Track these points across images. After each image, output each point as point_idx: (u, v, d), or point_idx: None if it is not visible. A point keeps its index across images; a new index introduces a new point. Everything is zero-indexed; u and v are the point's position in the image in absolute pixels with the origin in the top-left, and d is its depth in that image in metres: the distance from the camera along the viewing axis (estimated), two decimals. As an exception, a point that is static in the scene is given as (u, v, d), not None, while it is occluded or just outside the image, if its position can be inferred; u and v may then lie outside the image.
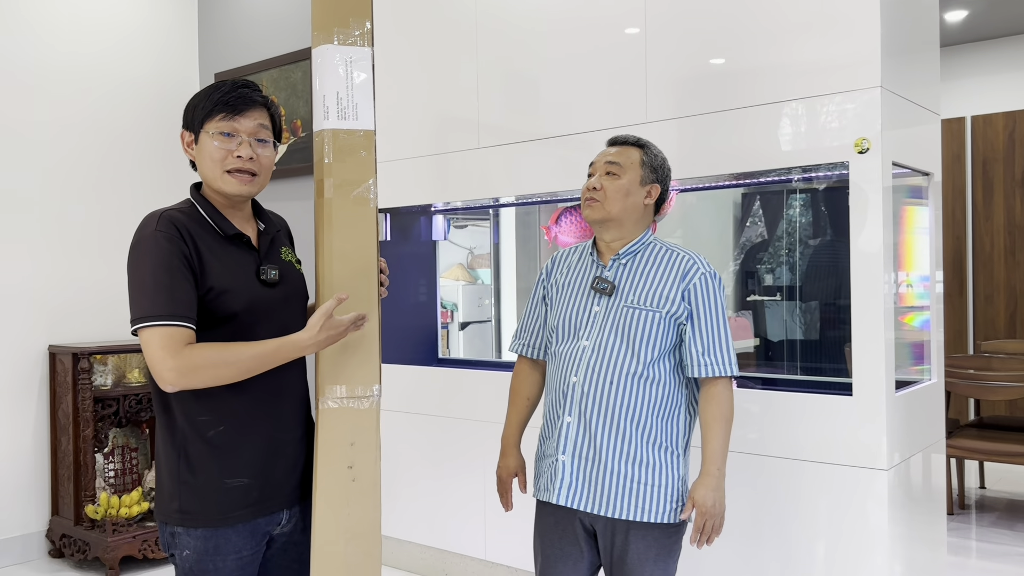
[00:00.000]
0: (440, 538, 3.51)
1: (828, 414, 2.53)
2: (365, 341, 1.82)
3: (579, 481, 1.99)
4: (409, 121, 3.61)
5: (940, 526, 2.96)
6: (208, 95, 1.74)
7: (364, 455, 1.80)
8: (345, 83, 1.81)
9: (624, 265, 2.03)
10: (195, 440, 1.69)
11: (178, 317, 1.60)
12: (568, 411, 2.01)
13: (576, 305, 2.06)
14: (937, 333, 2.96)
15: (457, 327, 4.74)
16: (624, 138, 2.09)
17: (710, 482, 1.92)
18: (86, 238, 4.22)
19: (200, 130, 1.74)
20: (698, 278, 1.98)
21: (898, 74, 2.58)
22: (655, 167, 2.05)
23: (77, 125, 4.21)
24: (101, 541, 3.69)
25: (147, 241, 1.65)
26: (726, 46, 2.75)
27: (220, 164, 1.72)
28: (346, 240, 1.80)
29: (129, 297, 1.65)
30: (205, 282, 1.67)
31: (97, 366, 3.95)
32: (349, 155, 1.82)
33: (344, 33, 1.83)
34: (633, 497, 1.94)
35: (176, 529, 1.70)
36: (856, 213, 2.49)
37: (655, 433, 1.96)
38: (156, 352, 1.58)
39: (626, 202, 2.01)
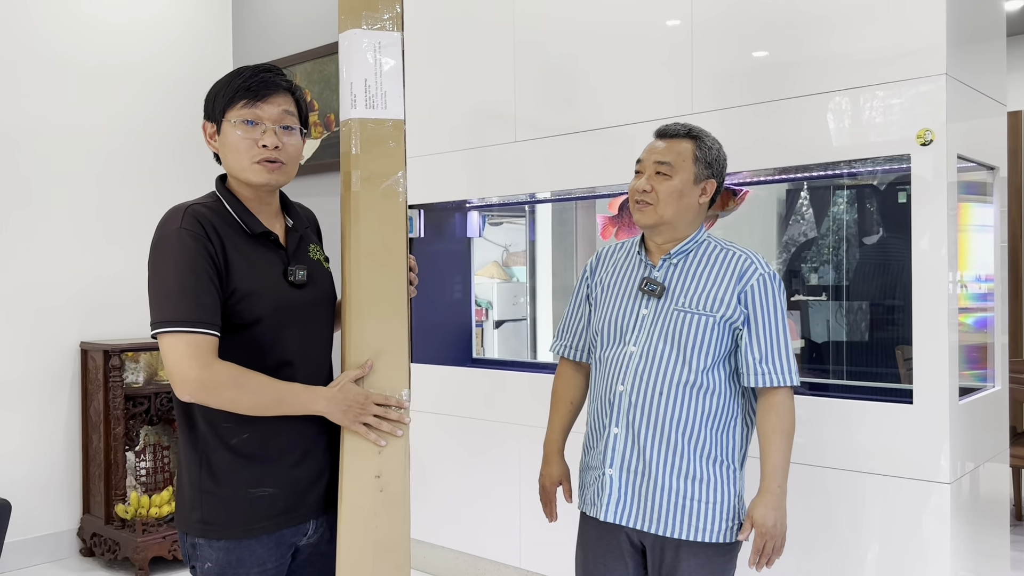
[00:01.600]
0: (473, 544, 3.42)
1: (887, 423, 2.38)
2: (394, 344, 1.71)
3: (628, 497, 1.86)
4: (444, 114, 3.52)
5: (1004, 540, 2.79)
6: (228, 82, 1.64)
7: (392, 463, 1.70)
8: (373, 70, 1.71)
9: (675, 265, 1.89)
10: (218, 448, 1.60)
11: (204, 324, 1.52)
12: (615, 422, 1.88)
13: (622, 307, 1.92)
14: (1001, 337, 2.80)
15: (492, 325, 4.66)
16: (674, 129, 1.92)
17: (770, 500, 1.78)
18: (119, 233, 4.18)
19: (222, 119, 1.64)
20: (756, 279, 1.83)
21: (963, 62, 2.43)
22: (709, 161, 1.89)
23: (112, 120, 4.18)
24: (131, 541, 3.64)
25: (171, 239, 1.55)
26: (777, 33, 2.61)
27: (245, 155, 1.62)
28: (373, 235, 1.70)
29: (150, 297, 1.57)
30: (230, 283, 1.58)
31: (128, 363, 3.90)
32: (377, 146, 1.71)
33: (372, 17, 1.72)
34: (685, 514, 1.81)
35: (197, 540, 1.62)
36: (919, 209, 2.34)
37: (709, 446, 1.82)
38: (181, 360, 1.50)
39: (680, 204, 1.86)
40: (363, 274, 1.69)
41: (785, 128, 2.58)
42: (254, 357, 1.60)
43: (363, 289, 1.69)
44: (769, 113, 2.61)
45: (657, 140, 1.94)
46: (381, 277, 1.70)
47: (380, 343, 1.70)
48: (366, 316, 1.70)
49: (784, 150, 2.60)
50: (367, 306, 1.69)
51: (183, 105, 4.44)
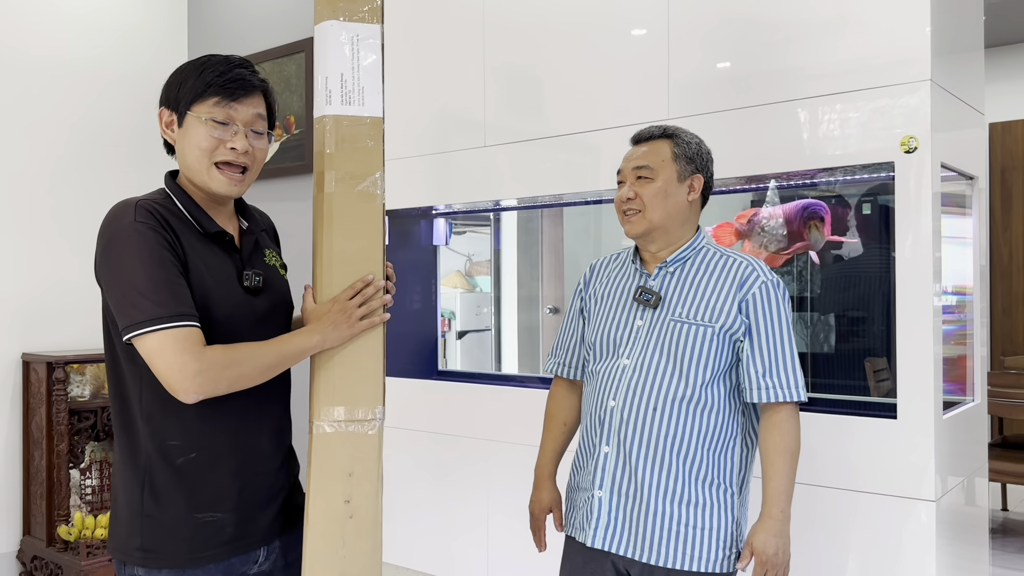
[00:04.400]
0: (439, 564, 3.28)
1: (869, 438, 2.31)
2: (368, 355, 1.58)
3: (618, 521, 1.74)
4: (411, 117, 3.39)
5: (984, 555, 2.75)
6: (198, 72, 1.50)
7: (363, 488, 1.57)
8: (351, 64, 1.59)
9: (672, 273, 1.79)
10: (162, 468, 1.46)
11: (188, 316, 1.40)
12: (606, 440, 1.77)
13: (616, 319, 1.81)
14: (980, 350, 2.75)
15: (455, 336, 4.56)
16: (648, 132, 1.84)
17: (772, 526, 1.67)
18: (63, 240, 3.98)
19: (187, 112, 1.50)
20: (758, 287, 1.72)
21: (946, 70, 2.38)
22: (690, 156, 1.80)
23: (53, 120, 3.98)
24: (74, 564, 3.44)
25: (128, 234, 1.41)
26: (759, 37, 2.53)
27: (208, 155, 1.50)
28: (348, 240, 1.58)
29: (116, 300, 1.41)
30: (192, 281, 1.45)
31: (74, 376, 3.70)
32: (354, 145, 1.59)
33: (350, 8, 1.61)
34: (679, 541, 1.70)
35: (137, 571, 1.47)
36: (903, 219, 2.27)
37: (706, 468, 1.71)
38: (175, 358, 1.37)
39: (667, 205, 1.77)
40: (336, 281, 1.57)
41: (764, 135, 2.51)
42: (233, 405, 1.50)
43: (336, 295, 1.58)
44: (748, 119, 2.54)
45: (634, 146, 1.85)
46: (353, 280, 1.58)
47: (354, 356, 1.57)
48: None
49: (763, 157, 2.52)
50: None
51: (134, 105, 4.25)
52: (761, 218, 2.73)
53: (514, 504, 3.04)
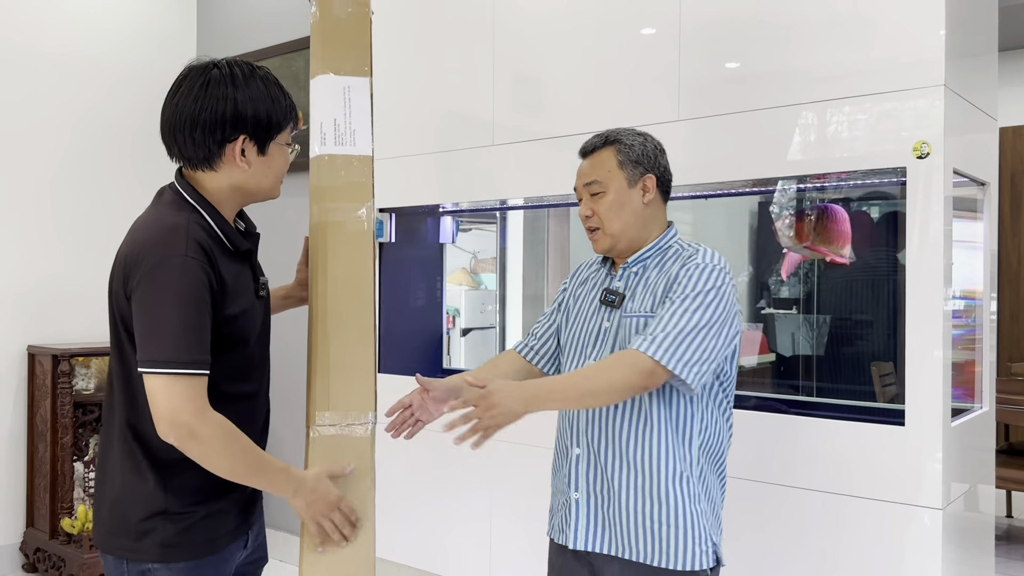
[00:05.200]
0: (441, 564, 3.28)
1: (877, 444, 2.30)
2: (359, 365, 1.73)
3: (595, 521, 1.76)
4: (420, 116, 3.39)
5: (989, 563, 2.75)
6: (276, 101, 1.58)
7: (357, 488, 1.69)
8: (343, 110, 1.82)
9: (636, 273, 1.80)
10: (179, 468, 1.51)
11: (202, 364, 1.46)
12: (576, 442, 1.79)
13: (586, 321, 1.83)
14: (989, 355, 2.74)
15: (459, 333, 4.56)
16: (591, 144, 1.84)
17: (512, 391, 1.59)
18: (69, 233, 3.98)
19: (271, 141, 1.59)
20: (691, 266, 1.70)
21: (960, 74, 2.36)
22: (635, 159, 1.79)
23: (62, 116, 3.98)
24: (77, 558, 3.45)
25: (176, 267, 1.45)
26: (767, 39, 2.52)
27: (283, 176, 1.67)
28: (339, 265, 1.76)
29: (144, 327, 1.45)
30: (224, 308, 1.51)
31: (79, 369, 3.71)
32: (344, 180, 1.80)
33: (342, 65, 1.86)
34: (653, 539, 1.70)
35: (152, 566, 1.52)
36: (913, 224, 2.26)
37: (671, 462, 1.70)
38: (174, 403, 1.43)
39: (624, 215, 1.77)
40: (329, 301, 1.75)
41: (775, 137, 2.49)
42: (239, 375, 1.59)
43: (329, 315, 1.74)
44: (758, 121, 2.52)
45: (582, 160, 1.85)
46: (347, 304, 1.75)
47: (347, 365, 1.72)
48: (331, 341, 1.73)
49: (773, 160, 2.51)
50: (332, 331, 1.75)
51: (141, 101, 4.25)
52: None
53: (517, 503, 3.03)
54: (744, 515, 2.49)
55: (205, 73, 1.57)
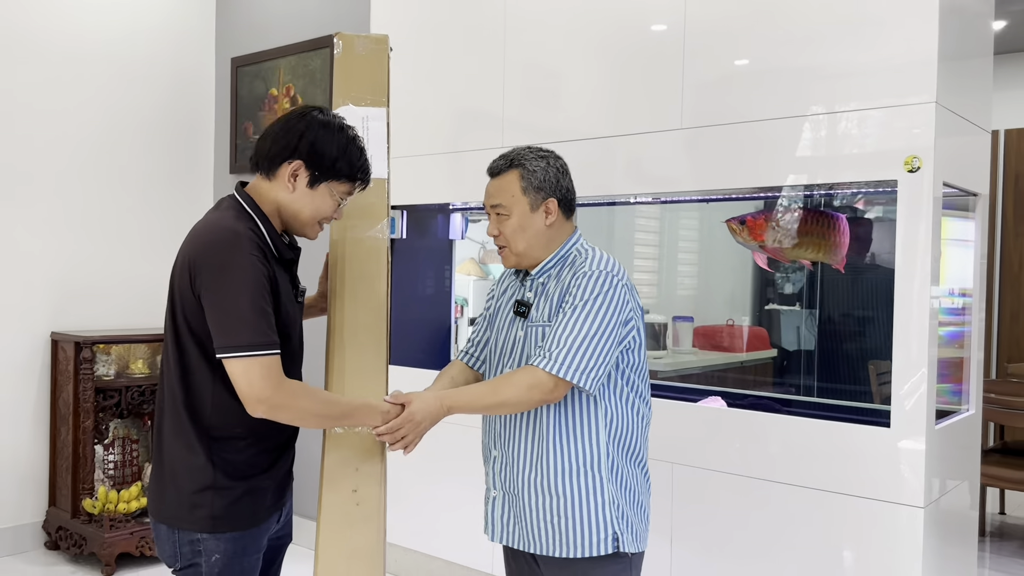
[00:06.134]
0: (447, 549, 3.40)
1: (863, 445, 2.40)
2: (371, 369, 1.90)
3: (508, 517, 1.91)
4: (432, 116, 3.49)
5: (971, 558, 2.84)
6: (348, 155, 1.76)
7: (369, 480, 1.86)
8: (362, 136, 1.92)
9: (543, 284, 1.90)
10: (230, 448, 1.73)
11: (274, 344, 1.64)
12: (494, 444, 1.94)
13: (502, 332, 1.96)
14: (977, 365, 2.83)
15: (466, 322, 4.66)
16: (497, 167, 1.91)
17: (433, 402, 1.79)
18: (93, 221, 4.11)
19: (323, 181, 1.75)
20: (578, 276, 1.80)
21: (952, 88, 2.44)
22: (538, 185, 1.87)
23: (87, 109, 4.10)
24: (98, 536, 3.59)
25: (242, 263, 1.63)
26: (766, 54, 2.61)
27: (322, 219, 1.81)
28: (355, 277, 1.95)
29: (218, 318, 1.62)
30: (276, 309, 1.70)
31: (100, 355, 3.84)
32: (363, 202, 1.95)
33: (361, 96, 2.05)
34: (555, 532, 1.83)
35: (201, 536, 1.72)
36: (904, 236, 2.35)
37: (568, 459, 1.82)
38: (256, 382, 1.61)
39: (527, 236, 1.87)
40: (347, 312, 1.92)
41: (772, 148, 2.58)
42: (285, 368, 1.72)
43: (346, 324, 1.91)
44: (757, 132, 2.61)
45: (490, 180, 1.94)
46: (362, 314, 1.92)
47: (362, 370, 1.90)
48: (347, 347, 1.90)
49: (770, 170, 2.60)
50: (348, 338, 1.91)
51: (163, 95, 4.37)
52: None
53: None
54: (736, 509, 2.61)
55: (309, 112, 1.79)
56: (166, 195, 4.39)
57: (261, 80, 4.32)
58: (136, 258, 4.27)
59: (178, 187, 4.43)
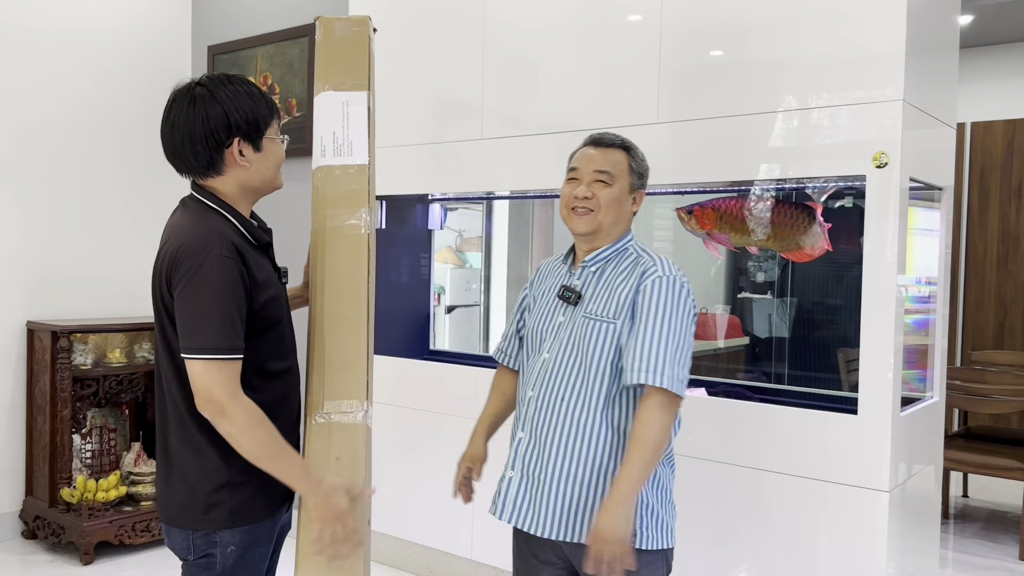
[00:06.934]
0: (426, 535, 3.46)
1: (831, 432, 2.48)
2: (353, 359, 1.87)
3: (522, 499, 1.92)
4: (411, 108, 3.51)
5: (934, 538, 2.95)
6: (258, 102, 1.75)
7: (349, 469, 1.84)
8: (341, 123, 1.95)
9: (594, 273, 1.92)
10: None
11: (236, 350, 1.64)
12: (522, 426, 1.95)
13: (544, 316, 1.97)
14: (941, 353, 2.92)
15: (444, 310, 4.68)
16: (609, 139, 1.95)
17: (608, 506, 1.72)
18: (69, 209, 4.09)
19: (262, 137, 1.75)
20: (651, 280, 1.82)
21: (919, 84, 2.52)
22: (641, 172, 1.94)
23: (63, 91, 4.07)
24: (76, 525, 3.60)
25: (213, 266, 1.63)
26: (740, 53, 2.67)
27: (278, 164, 1.81)
28: (336, 265, 1.90)
29: (185, 319, 1.63)
30: (258, 297, 1.70)
31: (77, 345, 3.83)
32: (343, 189, 1.93)
33: (340, 81, 1.99)
34: (577, 519, 1.85)
35: (221, 534, 1.73)
36: (871, 231, 2.43)
37: (607, 455, 1.84)
38: (212, 385, 1.61)
39: (618, 212, 1.91)
40: (327, 300, 1.89)
41: (746, 143, 2.65)
42: (277, 354, 1.78)
43: (326, 313, 1.88)
44: (732, 127, 2.67)
45: (590, 148, 1.95)
46: (343, 303, 1.89)
47: (343, 361, 1.87)
48: (328, 337, 1.87)
49: (744, 164, 2.66)
50: (329, 328, 1.88)
51: (139, 83, 4.35)
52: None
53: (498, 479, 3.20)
54: (707, 495, 2.68)
55: (190, 92, 1.72)
56: (142, 183, 4.38)
57: (238, 69, 4.31)
58: (112, 247, 4.25)
59: (155, 175, 4.42)
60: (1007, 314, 5.63)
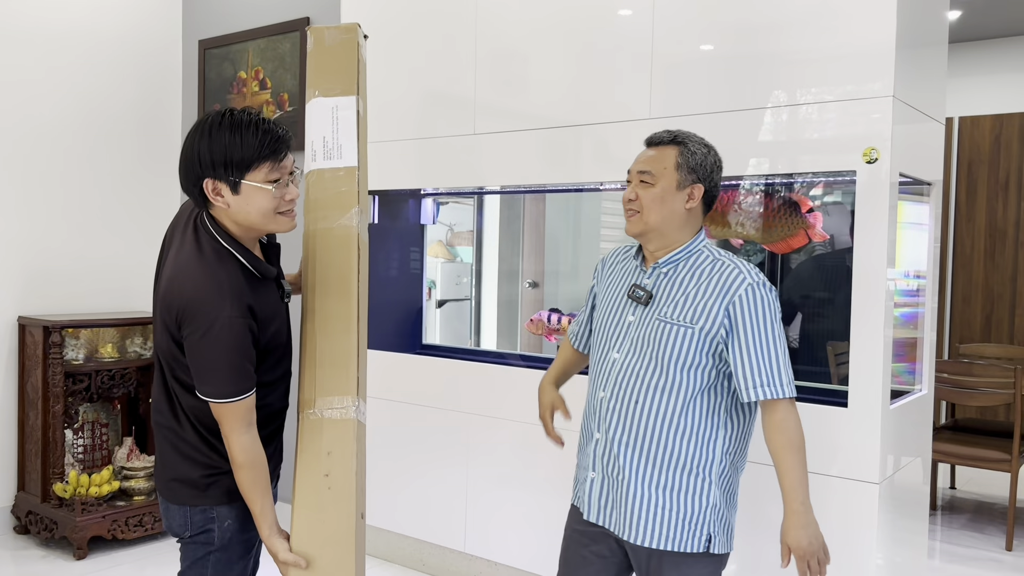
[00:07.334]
0: (419, 528, 3.47)
1: (821, 424, 2.51)
2: (343, 359, 1.90)
3: (606, 500, 1.93)
4: (404, 103, 3.52)
5: (923, 529, 2.98)
6: (240, 142, 1.69)
7: (341, 464, 1.87)
8: (331, 127, 1.98)
9: (665, 274, 1.91)
10: None
11: (247, 390, 1.75)
12: (597, 427, 1.95)
13: (612, 314, 1.97)
14: (930, 346, 2.95)
15: (435, 304, 4.69)
16: (658, 137, 1.93)
17: (796, 520, 1.76)
18: (60, 204, 4.08)
19: (240, 181, 1.71)
20: (744, 290, 1.80)
21: (908, 80, 2.54)
22: (693, 166, 1.88)
23: (55, 86, 4.05)
24: (69, 520, 3.60)
25: (223, 326, 1.70)
26: (731, 49, 2.68)
27: (273, 212, 1.76)
28: (328, 266, 1.93)
29: (199, 368, 1.73)
30: (264, 332, 1.80)
31: (69, 340, 3.83)
32: (333, 191, 1.96)
33: (329, 87, 2.02)
34: (653, 522, 1.85)
35: (220, 510, 1.83)
36: (861, 226, 2.45)
37: (683, 457, 1.85)
38: (230, 421, 1.75)
39: (663, 211, 1.87)
40: (317, 297, 1.93)
41: (737, 138, 2.66)
42: (277, 368, 1.88)
43: (317, 311, 1.92)
44: (723, 123, 2.69)
45: (647, 149, 1.96)
46: (333, 300, 1.92)
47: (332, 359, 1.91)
48: (319, 335, 1.91)
49: (735, 160, 2.68)
50: (320, 326, 1.91)
51: (130, 77, 4.33)
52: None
53: (491, 473, 3.22)
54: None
55: (203, 121, 1.75)
56: (134, 178, 4.37)
57: (229, 63, 4.30)
58: (103, 241, 4.24)
59: (146, 169, 4.41)
60: (994, 307, 5.68)
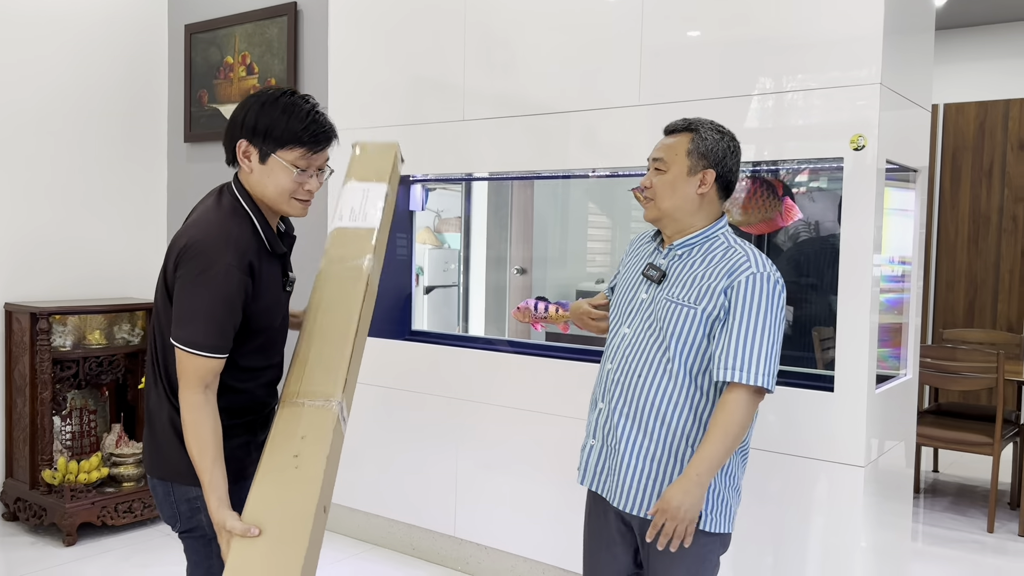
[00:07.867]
0: (409, 513, 3.49)
1: (807, 409, 2.54)
2: (336, 363, 1.94)
3: (602, 468, 2.00)
4: (392, 89, 3.51)
5: (907, 511, 3.03)
6: (286, 118, 1.75)
7: (312, 448, 1.86)
8: (360, 201, 2.19)
9: (680, 256, 1.96)
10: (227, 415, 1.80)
11: (220, 349, 1.72)
12: (602, 397, 2.02)
13: (628, 291, 2.03)
14: (914, 331, 2.99)
15: (422, 291, 4.70)
16: (673, 125, 2.00)
17: (685, 484, 1.79)
18: (47, 190, 4.05)
19: (271, 154, 1.76)
20: (746, 276, 1.84)
21: (895, 67, 2.56)
22: (704, 152, 1.92)
23: (41, 71, 4.01)
24: (59, 507, 3.60)
25: (219, 273, 1.69)
26: (720, 36, 2.69)
27: (289, 193, 1.80)
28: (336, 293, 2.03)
29: (180, 312, 1.72)
30: (256, 302, 1.77)
31: (56, 326, 3.81)
32: (352, 242, 2.13)
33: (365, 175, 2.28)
34: (644, 492, 1.91)
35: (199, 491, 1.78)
36: (848, 212, 2.47)
37: (678, 432, 1.90)
38: (189, 376, 1.71)
39: (675, 197, 1.93)
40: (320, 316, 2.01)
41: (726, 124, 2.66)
42: (263, 355, 1.87)
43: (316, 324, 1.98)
44: (712, 109, 2.70)
45: (664, 137, 2.01)
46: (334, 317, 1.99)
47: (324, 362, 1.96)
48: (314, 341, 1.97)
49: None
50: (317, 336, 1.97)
51: (115, 61, 4.29)
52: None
53: (479, 457, 3.24)
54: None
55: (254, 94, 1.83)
56: (120, 163, 4.34)
57: (216, 47, 4.28)
58: (90, 227, 4.22)
59: (133, 155, 4.38)
60: (977, 293, 5.74)
